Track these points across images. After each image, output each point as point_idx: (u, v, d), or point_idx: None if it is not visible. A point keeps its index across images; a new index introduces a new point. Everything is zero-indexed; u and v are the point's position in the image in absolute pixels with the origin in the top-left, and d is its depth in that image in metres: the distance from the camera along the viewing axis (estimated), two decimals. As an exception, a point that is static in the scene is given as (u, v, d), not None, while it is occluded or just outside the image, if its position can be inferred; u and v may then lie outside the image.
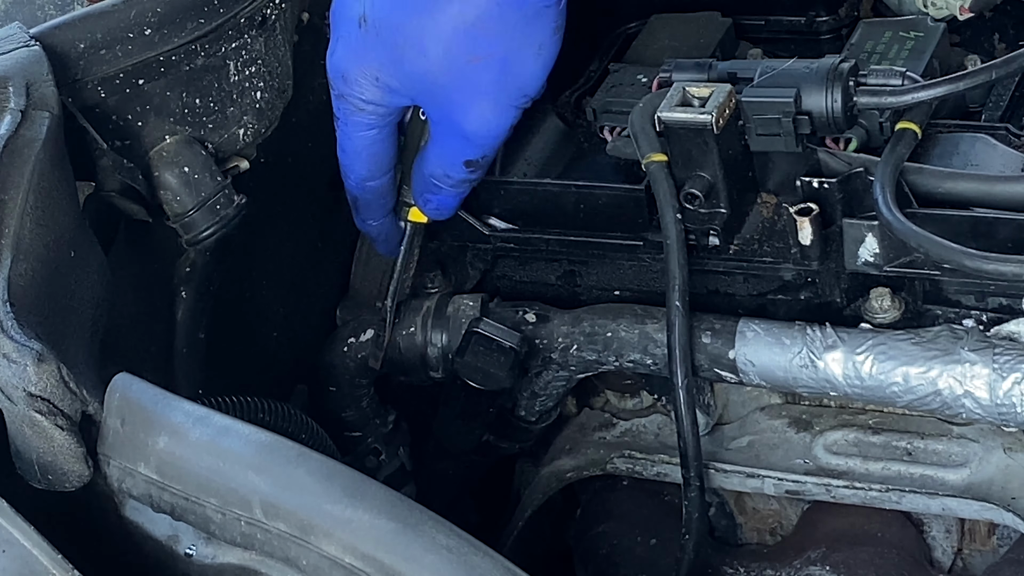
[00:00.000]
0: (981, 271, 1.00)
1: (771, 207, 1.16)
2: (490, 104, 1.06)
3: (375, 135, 1.12)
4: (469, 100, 1.06)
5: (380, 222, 1.20)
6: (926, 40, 1.19)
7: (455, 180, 1.13)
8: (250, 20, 1.13)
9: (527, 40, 1.04)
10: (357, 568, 0.73)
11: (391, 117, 1.12)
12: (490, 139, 1.09)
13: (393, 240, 1.22)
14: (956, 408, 1.08)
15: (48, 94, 0.99)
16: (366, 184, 1.16)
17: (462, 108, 1.07)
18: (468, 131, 1.08)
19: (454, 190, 1.15)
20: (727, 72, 1.13)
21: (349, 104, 1.10)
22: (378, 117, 1.11)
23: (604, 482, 1.40)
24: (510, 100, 1.06)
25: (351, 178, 1.16)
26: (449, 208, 1.17)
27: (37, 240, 0.92)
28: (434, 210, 1.17)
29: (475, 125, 1.07)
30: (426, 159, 1.14)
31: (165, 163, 1.10)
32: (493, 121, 1.07)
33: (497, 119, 1.07)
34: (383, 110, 1.10)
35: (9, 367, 0.83)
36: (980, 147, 1.12)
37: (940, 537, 1.29)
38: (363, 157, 1.14)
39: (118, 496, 0.86)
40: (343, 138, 1.13)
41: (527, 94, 1.06)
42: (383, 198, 1.18)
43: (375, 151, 1.13)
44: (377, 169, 1.15)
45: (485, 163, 1.12)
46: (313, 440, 1.07)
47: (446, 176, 1.13)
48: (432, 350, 1.26)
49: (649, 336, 1.18)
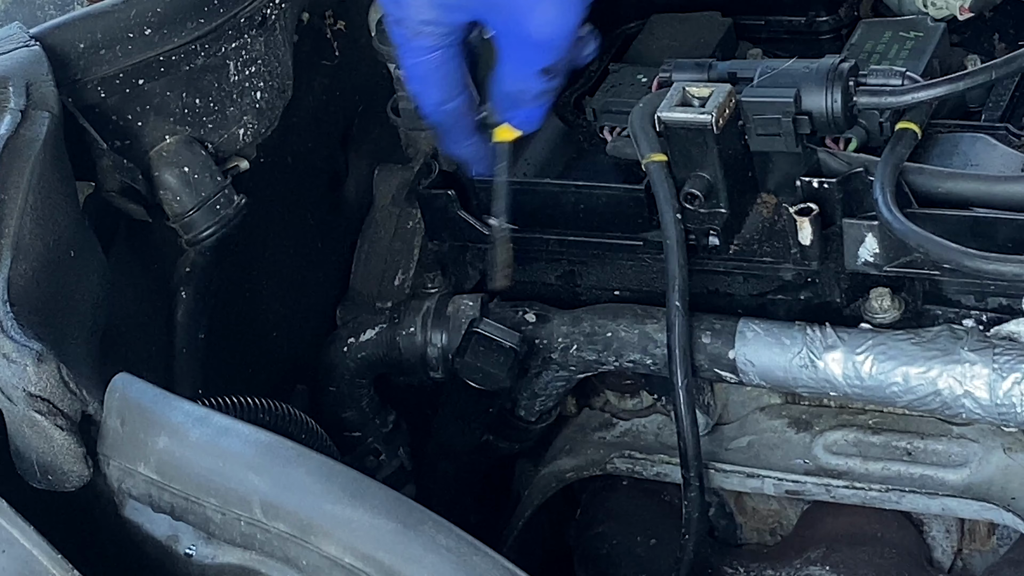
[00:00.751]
0: (981, 271, 1.00)
1: (771, 207, 1.16)
2: (553, 2, 1.02)
3: (440, 56, 1.08)
4: (531, 2, 1.02)
5: (467, 144, 1.16)
6: (926, 40, 1.19)
7: (535, 92, 1.09)
8: (250, 20, 1.13)
9: None
10: (357, 568, 0.73)
11: (453, 36, 1.07)
12: (558, 39, 1.04)
13: (486, 161, 1.18)
14: (956, 408, 1.08)
15: (48, 94, 0.99)
16: (441, 108, 1.12)
17: (524, 12, 1.02)
18: (535, 36, 1.03)
19: (537, 101, 1.10)
20: (727, 72, 1.13)
21: (407, 29, 1.06)
22: (439, 37, 1.07)
23: (604, 482, 1.41)
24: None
25: (425, 105, 1.12)
26: (537, 119, 1.13)
27: (37, 240, 0.92)
28: (523, 123, 1.13)
29: (541, 28, 1.03)
30: (500, 76, 1.09)
31: (165, 163, 1.10)
32: (558, 20, 1.03)
33: (562, 17, 1.02)
34: (443, 29, 1.06)
35: (9, 367, 0.83)
36: (980, 147, 1.12)
37: (940, 537, 1.29)
38: (432, 80, 1.10)
39: (118, 496, 0.86)
40: (407, 65, 1.10)
41: None
42: (463, 119, 1.14)
43: (444, 72, 1.09)
44: (449, 91, 1.11)
45: (561, 68, 1.07)
46: (313, 440, 1.07)
47: (524, 91, 1.09)
48: (432, 350, 1.26)
49: (649, 336, 1.18)
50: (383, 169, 1.37)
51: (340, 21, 1.31)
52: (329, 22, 1.30)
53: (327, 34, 1.30)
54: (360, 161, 1.38)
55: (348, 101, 1.34)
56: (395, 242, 1.35)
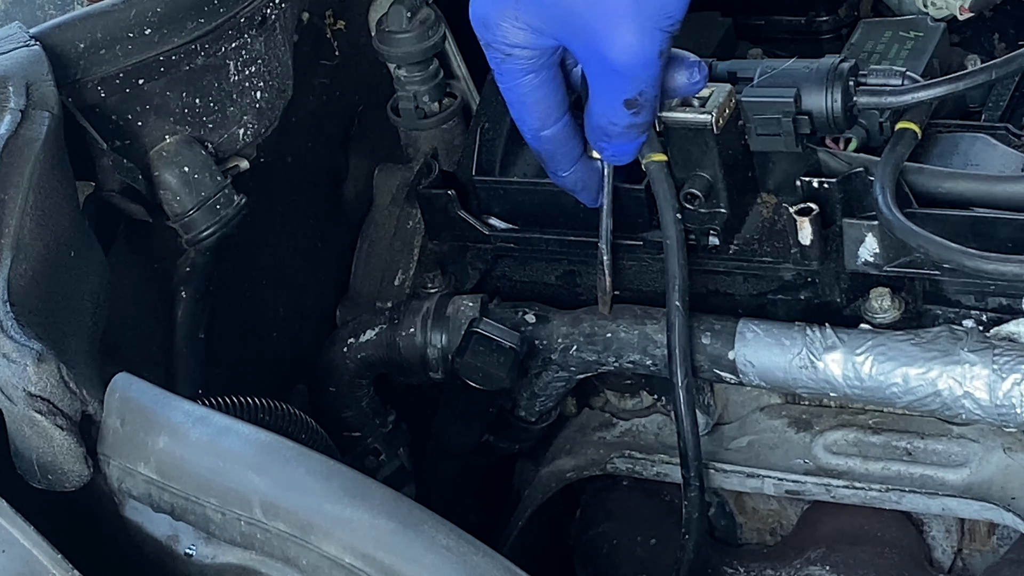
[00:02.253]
0: (981, 271, 1.00)
1: (771, 207, 1.16)
2: (633, 29, 0.98)
3: (533, 80, 1.05)
4: (609, 26, 0.98)
5: (571, 171, 1.13)
6: (926, 40, 1.19)
7: (621, 126, 1.05)
8: (250, 20, 1.13)
9: None
10: (357, 568, 0.73)
11: (545, 59, 1.04)
12: (640, 68, 1.00)
13: (593, 188, 1.15)
14: (956, 409, 1.08)
15: (48, 94, 0.99)
16: (541, 135, 1.09)
17: (604, 37, 0.99)
18: (616, 62, 1.00)
19: (624, 137, 1.07)
20: (727, 72, 1.13)
21: (497, 52, 1.03)
22: (530, 62, 1.04)
23: (604, 482, 1.41)
24: (652, 21, 0.98)
25: (524, 130, 1.10)
26: (627, 153, 1.10)
27: (37, 240, 0.92)
28: (611, 157, 1.11)
29: (620, 53, 0.99)
30: (589, 109, 1.06)
31: (165, 163, 1.10)
32: (637, 46, 0.99)
33: (642, 43, 0.98)
34: (532, 53, 1.03)
35: (9, 367, 0.83)
36: (980, 147, 1.12)
37: (940, 537, 1.29)
38: (527, 105, 1.07)
39: (118, 496, 0.86)
40: (503, 89, 1.07)
41: (671, 15, 0.98)
42: (565, 146, 1.10)
43: (538, 97, 1.06)
44: (548, 117, 1.08)
45: (646, 102, 1.03)
46: (313, 440, 1.07)
47: (611, 124, 1.05)
48: (432, 351, 1.26)
49: (649, 336, 1.18)
50: (383, 169, 1.37)
51: (340, 21, 1.31)
52: (329, 22, 1.30)
53: (327, 34, 1.30)
54: (360, 161, 1.38)
55: (348, 101, 1.34)
56: (395, 242, 1.35)
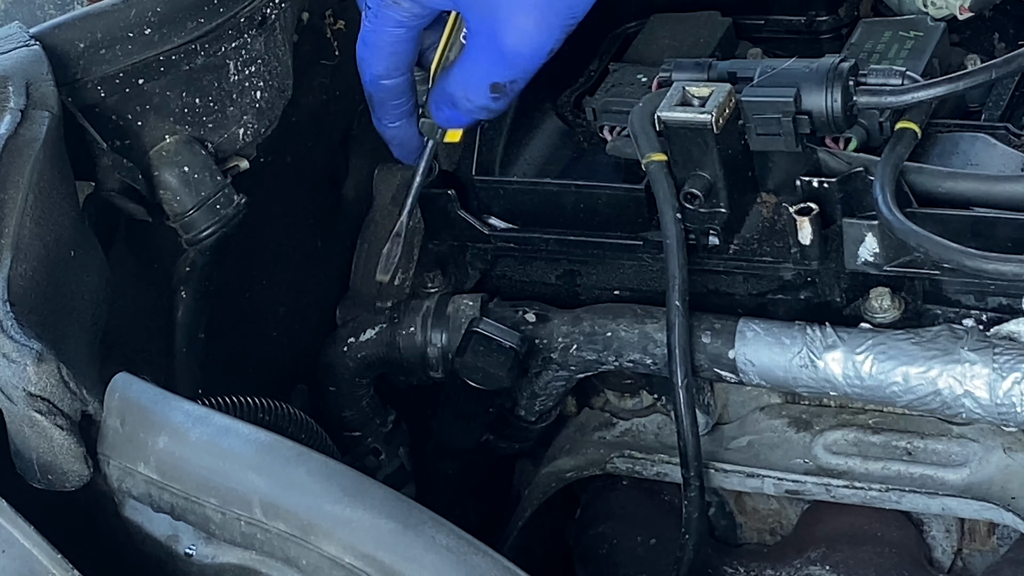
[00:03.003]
0: (981, 271, 1.00)
1: (771, 207, 1.16)
2: (536, 17, 0.99)
3: (402, 34, 1.06)
4: (516, 10, 0.99)
5: (395, 125, 1.14)
6: (926, 40, 1.19)
7: (475, 105, 1.07)
8: (250, 20, 1.13)
9: None
10: (357, 568, 0.73)
11: (423, 19, 1.06)
12: (525, 59, 1.02)
13: (409, 146, 1.16)
14: (956, 408, 1.08)
15: (48, 93, 0.99)
16: (380, 82, 1.11)
17: (507, 19, 1.00)
18: (506, 44, 1.01)
19: (470, 114, 1.09)
20: (727, 72, 1.13)
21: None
22: (411, 16, 1.05)
23: (604, 482, 1.40)
24: (558, 18, 1.00)
25: (366, 73, 1.11)
26: (460, 124, 1.12)
27: (37, 240, 0.92)
28: (444, 121, 1.12)
29: (515, 38, 1.00)
30: (452, 74, 1.08)
31: (165, 163, 1.10)
32: (535, 38, 1.00)
33: (539, 36, 1.00)
34: (419, 9, 1.05)
35: (9, 367, 0.83)
36: (980, 147, 1.12)
37: (940, 537, 1.29)
38: (384, 54, 1.08)
39: (118, 496, 0.86)
40: (368, 31, 1.08)
41: (575, 14, 1.00)
42: (398, 98, 1.12)
43: (396, 50, 1.08)
44: (394, 68, 1.09)
45: (511, 91, 1.06)
46: (313, 440, 1.07)
47: (466, 98, 1.07)
48: (432, 350, 1.26)
49: (649, 336, 1.18)
50: (383, 169, 1.37)
51: (340, 21, 1.31)
52: (329, 22, 1.30)
53: (327, 34, 1.30)
54: (360, 161, 1.38)
55: (348, 101, 1.34)
56: (395, 242, 1.35)
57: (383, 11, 1.06)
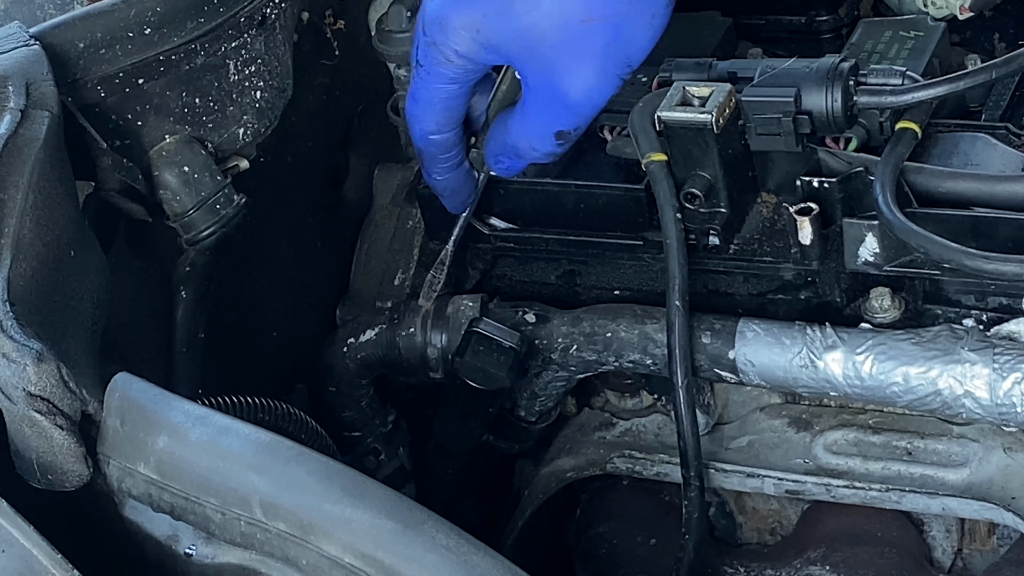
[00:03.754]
0: (981, 271, 1.00)
1: (771, 207, 1.16)
2: (596, 70, 1.00)
3: (454, 90, 1.06)
4: (575, 64, 1.00)
5: (446, 177, 1.14)
6: (926, 39, 1.19)
7: (541, 152, 1.07)
8: (250, 19, 1.13)
9: (643, 6, 0.99)
10: (357, 568, 0.73)
11: (476, 75, 1.05)
12: (588, 108, 1.03)
13: (460, 195, 1.17)
14: (956, 408, 1.08)
15: (48, 93, 0.99)
16: (430, 137, 1.10)
17: (567, 72, 1.00)
18: (570, 98, 1.01)
19: (535, 161, 1.09)
20: (727, 72, 1.13)
21: (439, 54, 1.03)
22: (464, 72, 1.04)
23: (604, 482, 1.40)
24: (616, 68, 1.00)
25: (416, 129, 1.10)
26: (518, 171, 1.13)
27: (37, 240, 0.92)
28: (504, 170, 1.12)
29: (578, 92, 1.01)
30: (511, 127, 1.07)
31: (165, 163, 1.10)
32: (596, 88, 1.01)
33: (600, 87, 1.01)
34: (472, 66, 1.03)
35: (9, 367, 0.83)
36: (980, 147, 1.12)
37: (940, 537, 1.29)
38: (436, 110, 1.08)
39: (118, 496, 0.86)
40: (420, 87, 1.07)
41: (631, 64, 1.00)
42: (448, 151, 1.12)
43: (449, 106, 1.07)
44: (446, 124, 1.09)
45: (575, 137, 1.06)
46: (313, 440, 1.07)
47: (532, 148, 1.07)
48: (432, 350, 1.26)
49: (649, 336, 1.18)
50: (383, 169, 1.37)
51: (340, 21, 1.31)
52: (329, 22, 1.30)
53: (327, 34, 1.30)
54: (360, 161, 1.38)
55: (348, 101, 1.34)
56: (395, 242, 1.35)
57: (437, 69, 1.04)
